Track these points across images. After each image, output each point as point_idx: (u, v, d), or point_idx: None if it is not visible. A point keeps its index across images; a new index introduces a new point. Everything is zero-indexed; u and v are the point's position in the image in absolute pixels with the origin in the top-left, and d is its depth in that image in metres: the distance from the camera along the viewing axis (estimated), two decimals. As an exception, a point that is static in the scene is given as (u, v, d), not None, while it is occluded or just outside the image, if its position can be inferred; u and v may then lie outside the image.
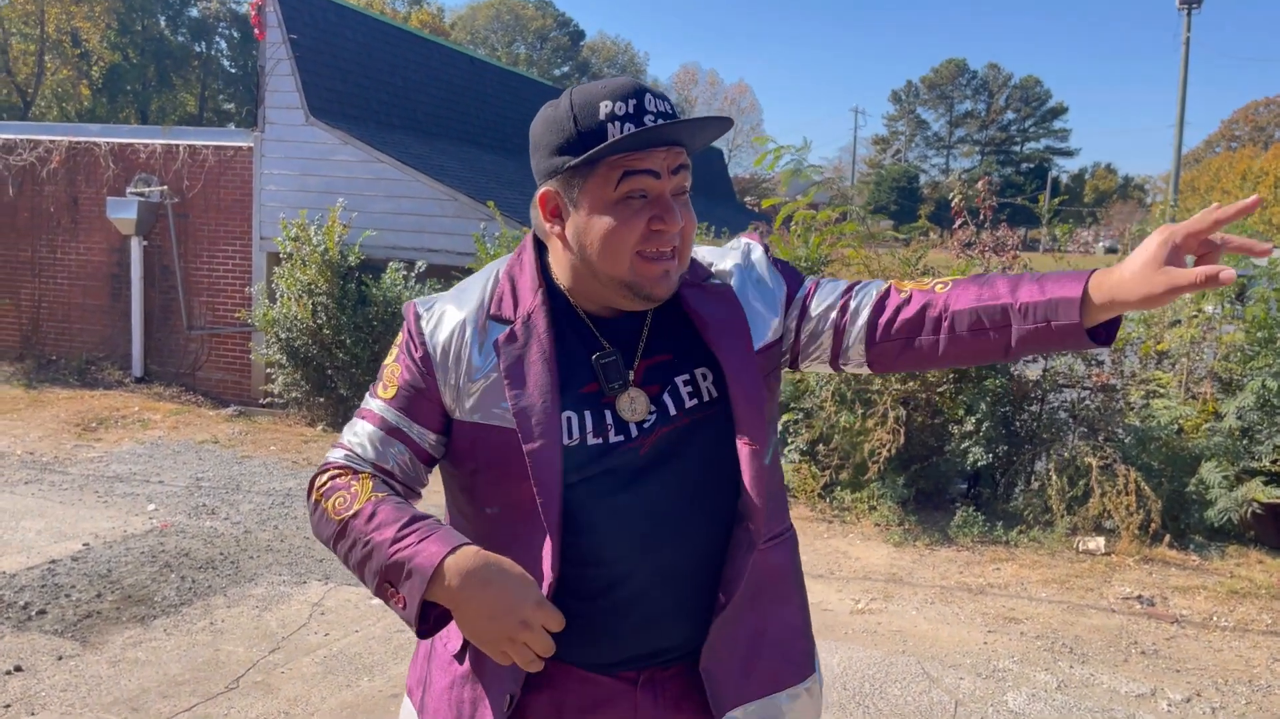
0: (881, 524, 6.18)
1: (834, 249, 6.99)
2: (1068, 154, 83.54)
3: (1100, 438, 6.32)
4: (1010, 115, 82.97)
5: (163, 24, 45.84)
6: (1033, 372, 6.86)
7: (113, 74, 41.76)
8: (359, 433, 1.43)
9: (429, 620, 1.29)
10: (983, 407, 6.18)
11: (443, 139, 11.77)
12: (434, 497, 1.64)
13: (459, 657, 1.41)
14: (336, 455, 1.43)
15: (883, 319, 1.42)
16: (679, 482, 1.36)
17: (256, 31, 9.32)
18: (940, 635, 4.67)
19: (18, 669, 3.95)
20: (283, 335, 8.44)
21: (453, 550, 1.23)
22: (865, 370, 1.49)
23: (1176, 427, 6.17)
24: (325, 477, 1.40)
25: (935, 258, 7.38)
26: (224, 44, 49.88)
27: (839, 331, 1.45)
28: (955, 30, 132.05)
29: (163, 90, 45.79)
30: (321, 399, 8.67)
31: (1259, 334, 6.25)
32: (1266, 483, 5.78)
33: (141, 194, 9.77)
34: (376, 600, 4.78)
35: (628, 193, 1.29)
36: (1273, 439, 6.02)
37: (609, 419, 1.35)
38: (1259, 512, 5.79)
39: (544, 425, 1.31)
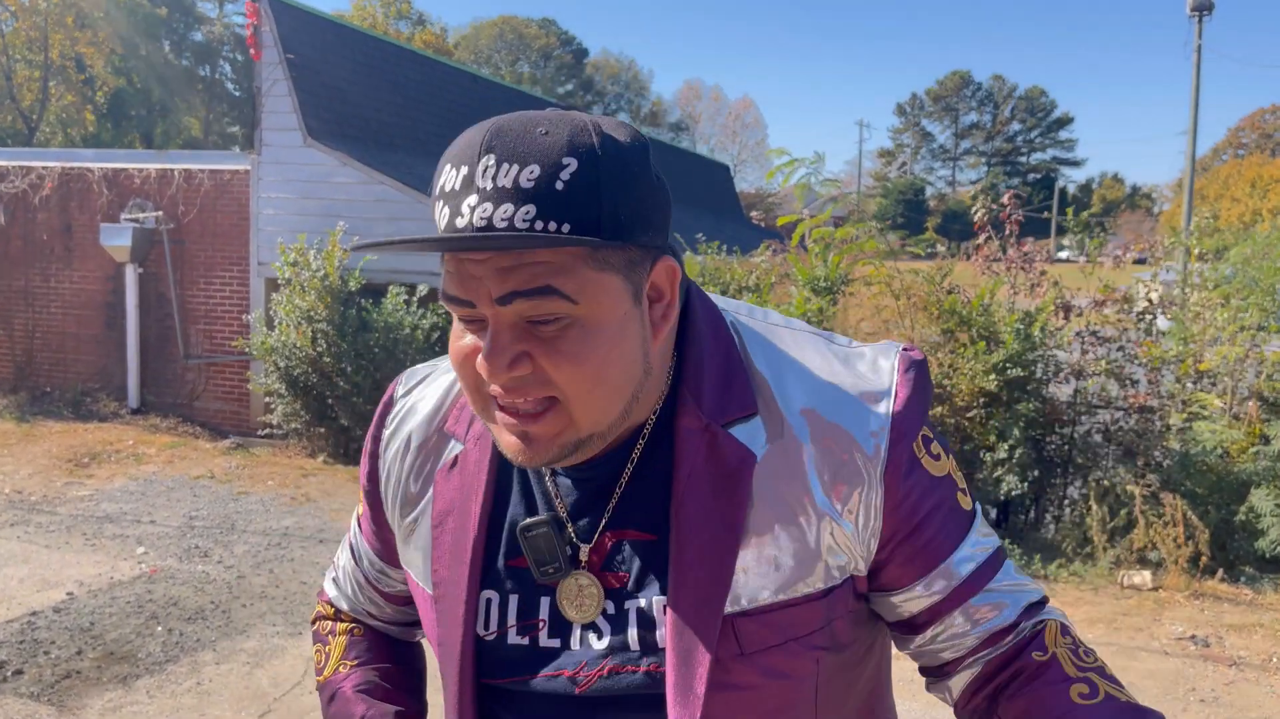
0: (911, 558, 5.84)
1: (854, 268, 6.68)
2: (1074, 164, 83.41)
3: (1140, 463, 5.98)
4: (1016, 126, 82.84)
5: (166, 48, 45.96)
6: (1064, 392, 6.53)
7: (117, 99, 41.80)
8: (336, 561, 1.21)
9: None
10: (1015, 432, 5.84)
11: (445, 159, 11.52)
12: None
13: None
14: (327, 582, 1.23)
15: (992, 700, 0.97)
16: None
17: (252, 52, 9.08)
18: (983, 685, 4.33)
19: (-14, 740, 3.64)
20: (281, 364, 8.15)
21: None
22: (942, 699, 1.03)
23: (1222, 451, 5.83)
24: (317, 611, 1.24)
25: (958, 272, 7.06)
26: (228, 67, 49.99)
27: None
28: (959, 42, 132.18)
29: (167, 114, 45.84)
30: (322, 429, 8.37)
31: (1307, 352, 5.92)
32: (1322, 511, 5.43)
33: (136, 220, 9.51)
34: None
35: (457, 314, 0.86)
36: (1326, 463, 5.67)
37: (543, 612, 0.93)
38: (1315, 542, 5.44)
39: (457, 608, 0.94)
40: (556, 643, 0.92)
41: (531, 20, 66.27)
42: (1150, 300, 6.70)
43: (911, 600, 0.95)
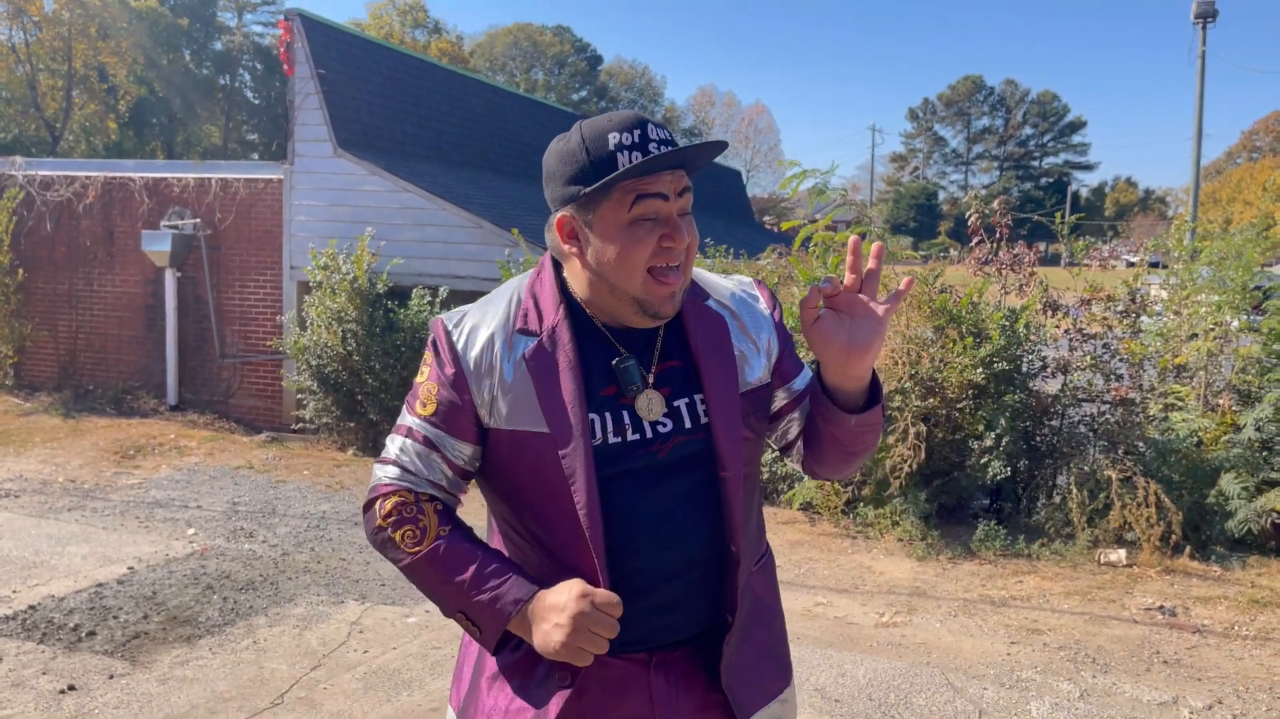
0: (904, 539, 6.26)
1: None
2: (1087, 168, 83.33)
3: (1120, 451, 6.39)
4: (1028, 130, 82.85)
5: (187, 58, 46.67)
6: (1051, 386, 6.94)
7: (139, 108, 42.51)
8: (406, 449, 1.56)
9: (500, 643, 1.52)
10: (1002, 422, 6.27)
11: (466, 167, 12.01)
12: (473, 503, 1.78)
13: (503, 669, 1.57)
14: (389, 473, 1.56)
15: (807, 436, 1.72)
16: (686, 489, 1.52)
17: (286, 67, 9.58)
18: (964, 647, 4.76)
19: (71, 688, 4.11)
20: (313, 362, 8.64)
21: (523, 601, 1.46)
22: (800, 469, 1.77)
23: (1196, 439, 6.24)
24: (388, 503, 1.54)
25: (953, 274, 7.49)
26: (248, 76, 50.72)
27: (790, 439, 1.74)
28: (971, 47, 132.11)
29: (188, 123, 46.56)
30: (352, 424, 8.86)
31: (1276, 346, 6.32)
32: (1286, 493, 5.83)
33: (175, 227, 10.04)
34: (413, 619, 4.94)
35: (640, 215, 1.44)
36: (1292, 450, 6.07)
37: (627, 419, 1.50)
38: (1279, 522, 5.85)
39: (576, 428, 1.46)
40: (638, 437, 1.51)
41: (546, 28, 66.86)
42: (1135, 300, 7.09)
43: (780, 396, 1.69)
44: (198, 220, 10.04)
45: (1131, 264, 7.82)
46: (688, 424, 1.53)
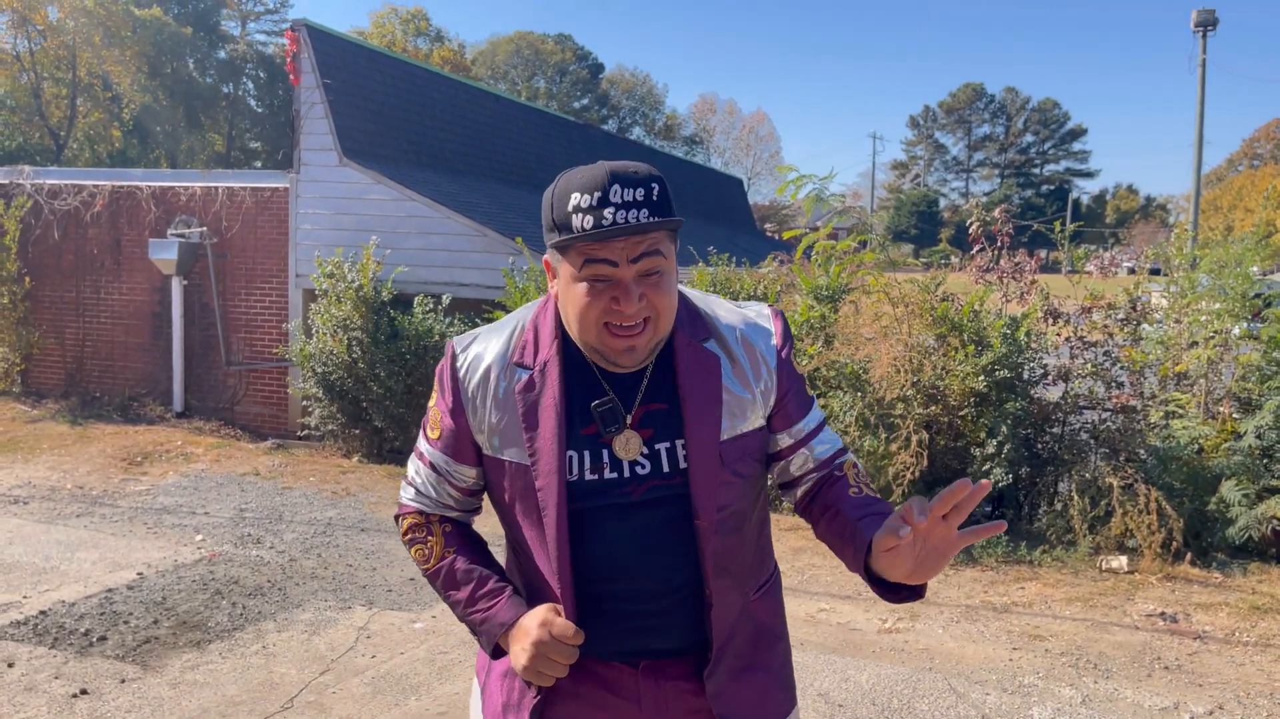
0: (907, 546, 6.29)
1: (854, 277, 7.17)
2: (1088, 175, 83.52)
3: (1121, 458, 6.43)
4: (1029, 138, 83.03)
5: (191, 66, 46.81)
6: (1053, 394, 6.99)
7: (143, 116, 42.65)
8: (419, 473, 1.71)
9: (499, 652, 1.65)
10: (1004, 429, 6.31)
11: (470, 176, 12.08)
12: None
13: (508, 671, 1.69)
14: (408, 494, 1.73)
15: (813, 500, 1.71)
16: (661, 523, 1.56)
17: (292, 77, 9.65)
18: (966, 653, 4.80)
19: (84, 692, 4.16)
20: (319, 370, 8.70)
21: (508, 625, 1.59)
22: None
23: (1197, 446, 6.28)
24: (406, 523, 1.72)
25: (954, 282, 7.53)
26: (251, 84, 50.87)
27: (793, 482, 1.73)
28: (972, 55, 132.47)
29: (192, 131, 46.69)
30: (357, 431, 8.91)
31: (1276, 354, 6.36)
32: (1286, 500, 5.87)
33: (182, 235, 10.10)
34: (419, 624, 4.99)
35: (590, 275, 1.46)
36: (1292, 457, 6.11)
37: (606, 458, 1.54)
38: (1279, 529, 5.89)
39: (551, 464, 1.53)
40: (615, 475, 1.55)
41: (548, 36, 67.06)
42: (1136, 308, 7.13)
43: (786, 439, 1.68)
44: (204, 229, 10.11)
45: (1133, 271, 7.87)
46: (665, 468, 1.55)
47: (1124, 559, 5.92)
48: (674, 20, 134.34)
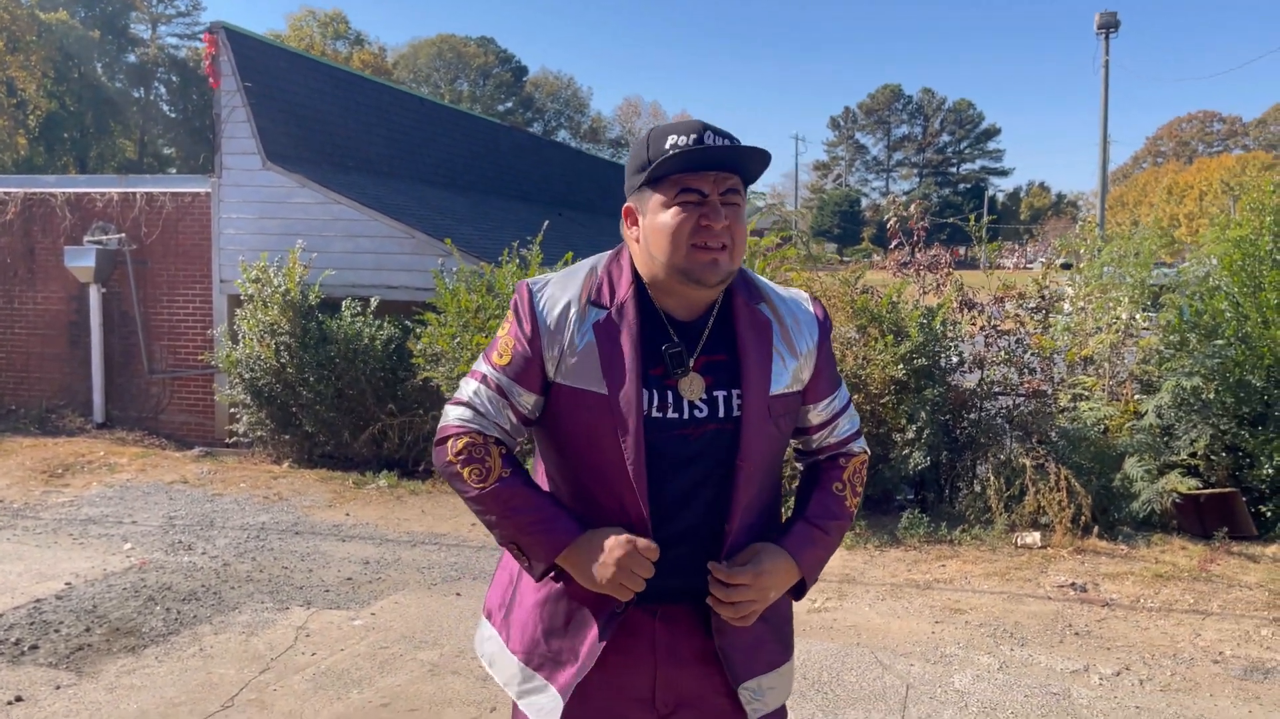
0: (834, 530, 6.51)
1: (778, 273, 7.38)
2: (1002, 173, 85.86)
3: (1034, 440, 6.74)
4: (946, 138, 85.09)
5: (99, 71, 45.48)
6: (969, 381, 7.28)
7: (50, 122, 41.28)
8: (479, 394, 1.78)
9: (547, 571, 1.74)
10: (923, 415, 6.57)
11: (396, 179, 12.04)
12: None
13: (543, 602, 1.79)
14: (463, 414, 1.77)
15: (808, 467, 1.94)
16: (713, 465, 1.71)
17: (211, 80, 9.54)
18: (891, 628, 5.01)
19: (19, 699, 4.11)
20: (246, 376, 8.61)
21: (571, 540, 1.69)
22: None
23: (1102, 427, 6.62)
24: (460, 442, 1.75)
25: (873, 277, 7.79)
26: (163, 89, 49.61)
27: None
28: (890, 56, 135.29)
29: (101, 137, 45.34)
30: (287, 436, 8.84)
31: (1173, 338, 6.74)
32: (1185, 475, 6.24)
33: (99, 242, 9.91)
34: (359, 621, 5.03)
35: (682, 201, 1.65)
36: (1189, 434, 6.49)
37: (670, 398, 1.69)
38: (1179, 501, 6.24)
39: (632, 395, 1.66)
40: (677, 415, 1.69)
41: (470, 39, 66.69)
42: (1045, 297, 7.47)
43: (814, 413, 1.86)
44: (123, 235, 9.93)
45: (1067, 266, 8.22)
46: (721, 414, 1.70)
47: (1037, 535, 6.21)
48: (597, 23, 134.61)
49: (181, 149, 49.67)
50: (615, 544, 1.64)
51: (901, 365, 6.59)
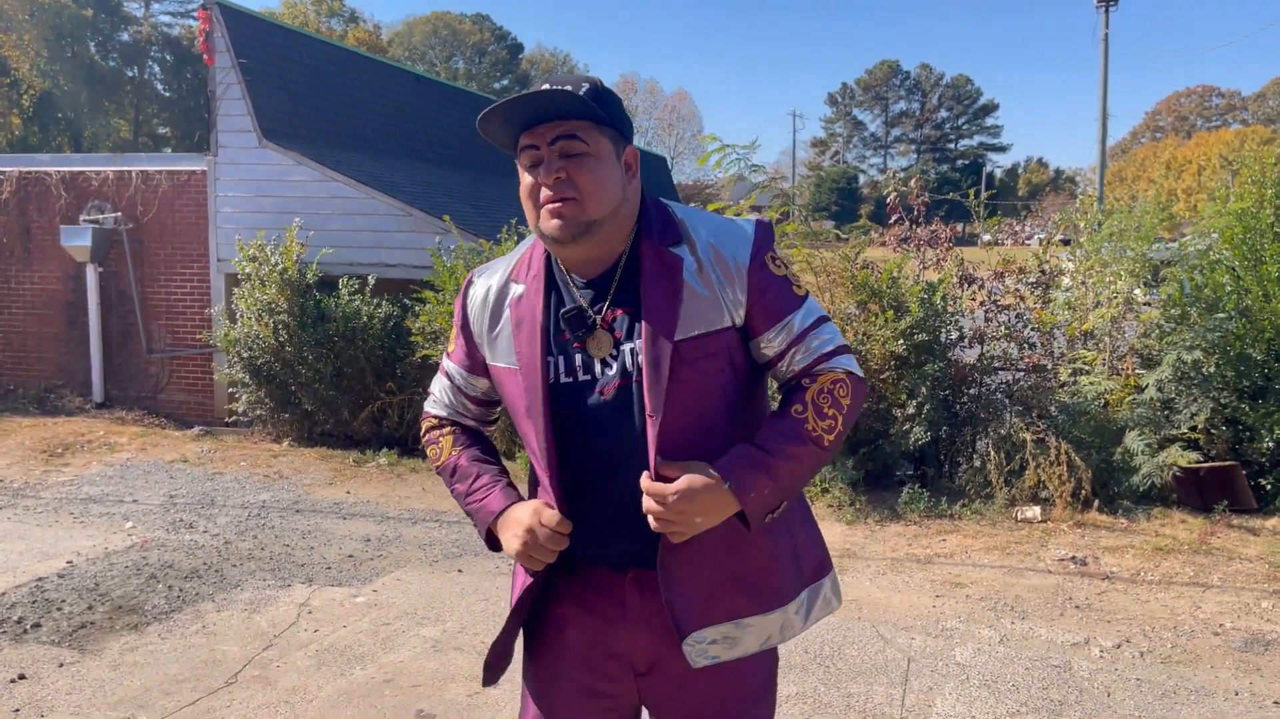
0: (834, 505, 6.53)
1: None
2: (1000, 149, 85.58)
3: (1034, 415, 6.74)
4: (944, 114, 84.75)
5: (93, 49, 45.16)
6: (969, 356, 7.28)
7: (44, 102, 41.02)
8: (437, 387, 1.93)
9: (496, 543, 1.81)
10: (923, 390, 6.56)
11: (392, 156, 11.98)
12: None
13: None
14: (429, 405, 1.96)
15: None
16: (627, 429, 1.65)
17: (205, 57, 9.46)
18: (892, 602, 5.02)
19: (21, 677, 4.12)
20: (245, 355, 8.59)
21: (499, 513, 1.76)
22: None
23: (1103, 401, 6.62)
24: (424, 424, 1.95)
25: (874, 253, 7.77)
26: (157, 67, 49.26)
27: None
28: (888, 32, 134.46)
29: (95, 116, 45.07)
30: (286, 415, 8.83)
31: (1173, 312, 6.73)
32: (1185, 448, 6.24)
33: (95, 221, 9.85)
34: (361, 598, 5.05)
35: (526, 164, 1.65)
36: (1189, 408, 6.49)
37: (579, 361, 1.68)
38: (1179, 475, 6.25)
39: (535, 367, 1.68)
40: (588, 377, 1.68)
41: (465, 16, 66.21)
42: (1045, 272, 7.45)
43: (765, 344, 1.72)
44: (119, 214, 9.87)
45: (1043, 241, 8.20)
46: (628, 367, 1.65)
47: (1038, 509, 6.22)
48: (592, 0, 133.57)
49: (176, 128, 49.37)
50: (523, 520, 1.69)
51: (902, 341, 6.58)
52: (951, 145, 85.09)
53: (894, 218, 7.82)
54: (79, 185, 10.03)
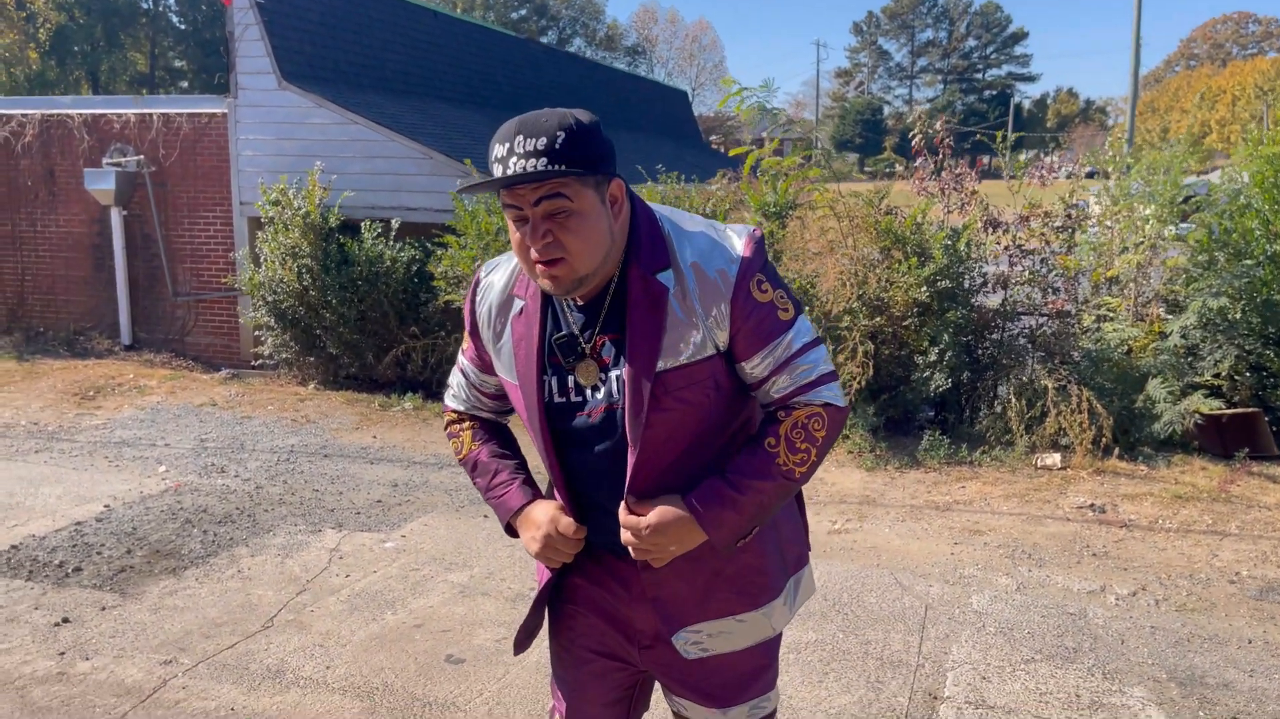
0: (854, 451, 6.59)
1: (801, 193, 7.30)
2: (1029, 79, 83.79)
3: (1056, 361, 6.73)
4: (972, 43, 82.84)
5: (108, -19, 44.67)
6: (992, 302, 7.24)
7: (60, 36, 40.82)
8: (455, 382, 2.01)
9: (516, 533, 1.91)
10: (945, 337, 6.56)
11: (412, 96, 11.89)
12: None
13: None
14: (448, 399, 2.04)
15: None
16: (615, 449, 1.73)
17: (223, -3, 9.37)
18: (911, 549, 5.10)
19: (65, 620, 4.27)
20: (269, 298, 8.66)
21: (518, 510, 1.87)
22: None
23: (1126, 348, 6.59)
24: (445, 418, 2.05)
25: (898, 192, 7.67)
26: (172, 0, 48.79)
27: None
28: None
29: (112, 50, 44.81)
30: (312, 359, 8.93)
31: (1200, 257, 6.66)
32: (1208, 396, 6.23)
33: (118, 164, 9.89)
34: (390, 544, 5.17)
35: (513, 219, 1.62)
36: (1213, 355, 6.46)
37: (572, 382, 1.74)
38: (1201, 423, 6.25)
39: (532, 387, 1.75)
40: (580, 399, 1.75)
41: (482, -56, 64.80)
42: (1071, 215, 7.36)
43: (749, 368, 1.72)
44: (141, 157, 9.90)
45: (1070, 176, 8.07)
46: (614, 394, 1.71)
47: (1057, 456, 6.25)
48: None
49: (192, 62, 49.02)
50: (541, 523, 1.81)
51: (925, 287, 6.56)
52: (979, 75, 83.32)
53: (919, 159, 7.72)
54: (101, 128, 10.04)
